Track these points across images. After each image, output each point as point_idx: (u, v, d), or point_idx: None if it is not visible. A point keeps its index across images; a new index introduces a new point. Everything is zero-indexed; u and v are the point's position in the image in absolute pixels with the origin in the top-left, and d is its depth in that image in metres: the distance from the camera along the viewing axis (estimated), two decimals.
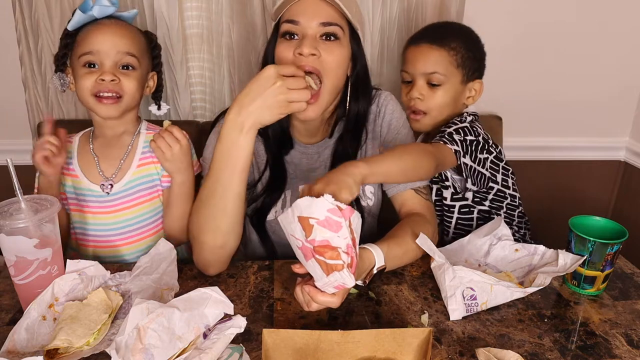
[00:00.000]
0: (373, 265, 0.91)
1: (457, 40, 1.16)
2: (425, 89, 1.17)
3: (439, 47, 1.15)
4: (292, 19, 0.98)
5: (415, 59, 1.17)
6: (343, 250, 0.74)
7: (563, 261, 0.94)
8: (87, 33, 1.07)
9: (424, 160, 0.98)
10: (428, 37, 1.17)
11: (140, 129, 1.17)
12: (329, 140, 1.13)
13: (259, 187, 1.12)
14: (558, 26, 1.58)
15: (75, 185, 1.13)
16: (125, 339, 0.69)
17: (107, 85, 1.06)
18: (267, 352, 0.72)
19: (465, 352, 0.80)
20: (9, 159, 0.85)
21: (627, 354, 0.80)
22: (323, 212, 0.73)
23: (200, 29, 1.47)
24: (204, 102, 1.55)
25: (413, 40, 1.21)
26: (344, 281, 0.75)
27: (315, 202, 0.73)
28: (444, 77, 1.15)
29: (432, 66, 1.15)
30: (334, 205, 0.73)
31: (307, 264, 0.78)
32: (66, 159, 1.06)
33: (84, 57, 1.06)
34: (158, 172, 1.15)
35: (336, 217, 0.73)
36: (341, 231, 0.73)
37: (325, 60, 0.98)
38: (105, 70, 1.05)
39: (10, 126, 1.57)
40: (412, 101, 1.19)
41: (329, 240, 0.73)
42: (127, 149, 1.14)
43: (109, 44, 1.05)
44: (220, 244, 0.95)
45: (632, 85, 1.70)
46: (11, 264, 0.84)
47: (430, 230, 1.05)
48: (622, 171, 1.81)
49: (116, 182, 1.12)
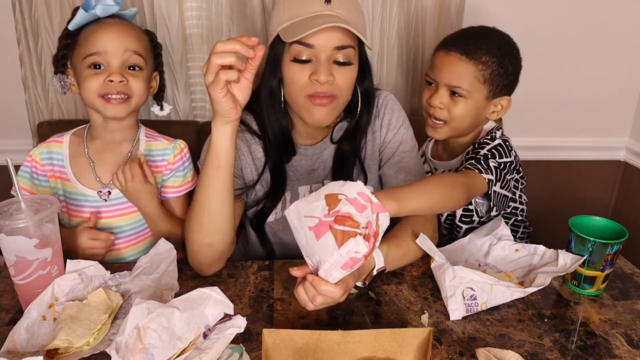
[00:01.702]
0: (373, 267, 0.91)
1: (491, 53, 1.09)
2: (446, 99, 1.12)
3: (468, 60, 1.08)
4: (307, 42, 0.95)
5: (441, 66, 1.12)
6: (363, 226, 0.76)
7: (563, 261, 0.94)
8: (91, 33, 1.04)
9: (454, 193, 0.95)
10: (460, 46, 1.10)
11: (139, 135, 1.15)
12: (327, 141, 1.13)
13: (258, 188, 1.12)
14: (558, 26, 1.58)
15: (66, 189, 1.10)
16: (125, 339, 0.69)
17: (115, 86, 1.03)
18: (267, 352, 0.72)
19: (465, 352, 0.80)
20: (9, 159, 0.85)
21: (627, 354, 0.80)
22: (353, 192, 0.77)
23: (200, 29, 1.46)
24: (204, 102, 1.55)
25: (444, 45, 1.14)
26: (358, 247, 0.74)
27: (348, 184, 0.78)
28: (466, 92, 1.10)
29: (457, 79, 1.10)
30: (365, 192, 0.78)
31: (317, 245, 0.76)
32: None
33: (89, 58, 1.03)
34: (159, 183, 1.13)
35: (363, 201, 0.77)
36: (365, 212, 0.77)
37: (338, 84, 0.99)
38: (113, 71, 1.03)
39: (10, 126, 1.57)
40: (432, 108, 1.16)
41: (352, 214, 0.75)
42: (126, 157, 1.12)
43: (115, 43, 1.03)
44: (207, 243, 0.95)
45: (632, 85, 1.70)
46: (11, 264, 0.84)
47: (430, 230, 1.05)
48: (622, 171, 1.82)
49: (114, 189, 1.09)
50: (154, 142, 1.15)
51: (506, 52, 1.12)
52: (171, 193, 1.15)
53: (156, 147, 1.15)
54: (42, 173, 1.11)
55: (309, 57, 0.97)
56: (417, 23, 1.51)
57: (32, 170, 1.11)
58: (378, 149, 1.14)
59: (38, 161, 1.11)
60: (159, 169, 1.14)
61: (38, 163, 1.11)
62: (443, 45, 1.15)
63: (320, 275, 0.79)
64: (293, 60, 0.98)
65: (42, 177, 1.11)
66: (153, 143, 1.15)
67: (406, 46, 1.54)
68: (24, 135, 1.54)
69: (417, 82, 1.58)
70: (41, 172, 1.11)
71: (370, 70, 1.09)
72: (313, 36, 0.94)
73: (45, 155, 1.11)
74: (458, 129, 1.16)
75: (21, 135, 1.55)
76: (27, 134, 1.52)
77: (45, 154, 1.11)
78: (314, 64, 0.97)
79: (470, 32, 1.15)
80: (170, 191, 1.15)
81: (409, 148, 1.14)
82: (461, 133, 1.19)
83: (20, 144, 1.56)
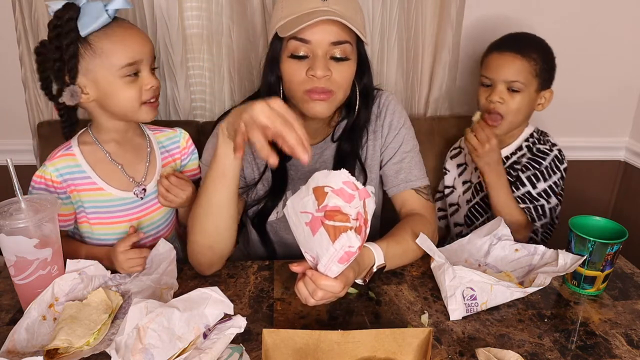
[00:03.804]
0: (373, 264, 0.91)
1: (537, 51, 1.24)
2: (505, 94, 1.24)
3: (522, 57, 1.22)
4: (303, 38, 0.96)
5: (498, 65, 1.25)
6: (353, 218, 0.76)
7: (563, 261, 0.94)
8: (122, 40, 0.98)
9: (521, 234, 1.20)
10: (512, 47, 1.24)
11: (145, 131, 1.15)
12: (329, 141, 1.13)
13: (259, 187, 1.12)
14: (558, 26, 1.58)
15: (93, 198, 1.06)
16: (125, 339, 0.69)
17: (154, 92, 1.03)
18: (267, 352, 0.72)
19: (465, 352, 0.80)
20: (9, 159, 0.85)
21: (627, 354, 0.80)
22: (338, 182, 0.76)
23: (200, 29, 1.46)
24: (204, 102, 1.55)
25: (497, 48, 1.27)
26: (351, 242, 0.75)
27: (332, 173, 0.77)
28: (523, 85, 1.23)
29: (515, 75, 1.23)
30: (350, 180, 0.77)
31: (313, 240, 0.77)
32: None
33: (127, 69, 0.98)
34: (178, 169, 1.16)
35: (350, 190, 0.76)
36: (353, 202, 0.76)
37: (335, 79, 0.99)
38: (149, 77, 1.02)
39: (10, 126, 1.57)
40: (492, 104, 1.25)
41: (340, 207, 0.75)
42: (147, 151, 1.12)
43: (147, 51, 1.01)
44: (208, 245, 0.96)
45: (632, 85, 1.70)
46: (11, 264, 0.84)
47: (430, 230, 1.05)
48: (622, 171, 1.81)
49: (147, 185, 1.10)
50: (160, 134, 1.17)
51: (547, 50, 1.28)
52: (191, 177, 1.17)
53: (165, 137, 1.17)
54: (62, 191, 1.04)
55: (305, 53, 0.98)
56: (417, 23, 1.51)
57: (49, 191, 1.04)
58: (379, 150, 1.14)
59: (55, 179, 1.03)
60: (175, 157, 1.17)
61: (55, 182, 1.03)
62: (495, 48, 1.28)
63: (319, 270, 0.79)
64: (290, 57, 0.99)
65: (63, 194, 1.04)
66: (159, 135, 1.17)
67: (406, 46, 1.54)
68: (24, 135, 1.54)
69: (417, 82, 1.58)
70: (61, 191, 1.04)
71: (370, 68, 1.09)
72: (309, 31, 0.95)
73: (61, 172, 1.03)
74: (514, 122, 1.28)
75: (21, 135, 1.55)
76: (27, 134, 1.52)
77: (61, 170, 1.04)
78: (311, 59, 0.98)
79: (515, 36, 1.30)
80: (190, 174, 1.18)
81: (409, 148, 1.14)
82: (516, 126, 1.30)
83: (20, 144, 1.56)
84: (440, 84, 1.56)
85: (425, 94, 1.60)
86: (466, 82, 1.63)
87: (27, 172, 1.06)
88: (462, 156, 1.42)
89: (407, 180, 1.12)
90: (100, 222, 1.08)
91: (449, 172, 1.45)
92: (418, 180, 1.12)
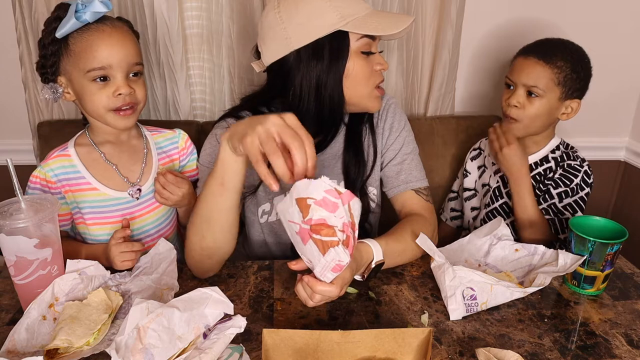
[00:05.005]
0: (371, 260, 0.92)
1: (565, 59, 1.22)
2: (523, 98, 1.23)
3: (545, 64, 1.21)
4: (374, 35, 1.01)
5: (520, 69, 1.24)
6: (339, 229, 0.74)
7: (563, 261, 0.94)
8: (91, 45, 0.97)
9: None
10: (537, 52, 1.23)
11: (143, 131, 1.15)
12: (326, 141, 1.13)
13: (260, 189, 1.12)
14: (558, 26, 1.58)
15: (88, 199, 1.07)
16: (125, 339, 0.69)
17: (124, 99, 1.01)
18: (267, 352, 0.72)
19: (465, 352, 0.80)
20: (9, 159, 0.85)
21: (627, 354, 0.80)
22: (320, 192, 0.74)
23: (200, 29, 1.47)
24: (204, 102, 1.55)
25: (524, 52, 1.27)
26: (339, 257, 0.74)
27: (312, 183, 0.74)
28: (542, 92, 1.21)
29: (534, 80, 1.21)
30: (332, 187, 0.74)
31: (305, 249, 0.77)
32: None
33: (94, 73, 0.98)
34: (177, 169, 1.17)
35: (333, 198, 0.74)
36: (337, 211, 0.74)
37: None
38: (120, 84, 1.00)
39: (10, 126, 1.57)
40: (509, 108, 1.25)
41: (325, 219, 0.74)
42: (144, 152, 1.12)
43: (119, 57, 0.99)
44: (207, 255, 0.95)
45: (632, 85, 1.70)
46: (11, 264, 0.84)
47: (430, 230, 1.05)
48: (622, 171, 1.81)
49: (142, 186, 1.10)
50: (159, 135, 1.17)
51: (579, 60, 1.25)
52: (191, 177, 1.17)
53: (164, 138, 1.17)
54: (56, 191, 1.06)
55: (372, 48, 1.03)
56: (417, 23, 1.51)
57: (44, 191, 1.05)
58: (380, 151, 1.15)
59: (50, 179, 1.05)
60: (173, 157, 1.17)
61: (50, 182, 1.05)
62: (523, 52, 1.27)
63: (315, 274, 0.79)
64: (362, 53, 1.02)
65: (57, 194, 1.06)
66: (158, 135, 1.17)
67: (406, 46, 1.54)
68: (24, 135, 1.54)
69: (417, 82, 1.58)
70: (56, 191, 1.06)
71: None
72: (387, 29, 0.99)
73: (56, 172, 1.05)
74: (531, 126, 1.26)
75: (21, 135, 1.55)
76: (27, 134, 1.52)
77: (56, 171, 1.05)
78: (375, 55, 1.04)
79: (547, 41, 1.28)
80: (190, 174, 1.18)
81: (410, 150, 1.15)
82: (535, 132, 1.28)
83: (20, 144, 1.56)
84: (440, 84, 1.56)
85: (425, 94, 1.60)
86: (467, 83, 1.63)
87: (27, 172, 1.06)
88: (482, 158, 1.41)
89: (408, 181, 1.12)
90: (96, 222, 1.09)
91: (470, 174, 1.42)
92: (418, 181, 1.13)
